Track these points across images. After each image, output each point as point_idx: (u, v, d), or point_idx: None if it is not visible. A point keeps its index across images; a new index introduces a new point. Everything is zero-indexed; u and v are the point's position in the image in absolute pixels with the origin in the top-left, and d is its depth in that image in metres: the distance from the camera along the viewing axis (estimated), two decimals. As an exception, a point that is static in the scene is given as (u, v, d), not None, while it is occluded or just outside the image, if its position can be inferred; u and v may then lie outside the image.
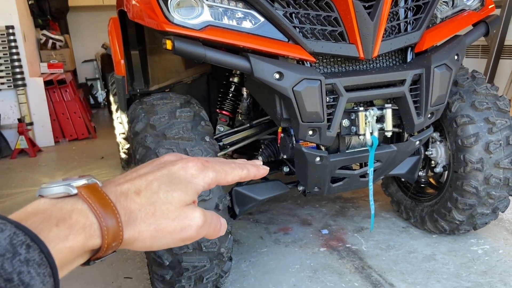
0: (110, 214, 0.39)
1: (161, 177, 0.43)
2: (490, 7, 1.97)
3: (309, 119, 1.58)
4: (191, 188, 0.44)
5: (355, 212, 2.70)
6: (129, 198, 0.41)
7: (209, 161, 0.47)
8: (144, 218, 0.41)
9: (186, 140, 1.65)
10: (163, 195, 0.42)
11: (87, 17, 7.99)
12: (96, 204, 0.39)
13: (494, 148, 1.96)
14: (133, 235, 0.41)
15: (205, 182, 0.45)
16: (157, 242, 0.42)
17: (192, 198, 0.44)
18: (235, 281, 2.02)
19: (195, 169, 0.45)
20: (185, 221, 0.43)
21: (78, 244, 0.38)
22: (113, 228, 0.39)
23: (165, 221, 0.42)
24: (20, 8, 4.96)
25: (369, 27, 1.59)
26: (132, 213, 0.41)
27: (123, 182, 0.43)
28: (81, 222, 0.38)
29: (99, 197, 0.40)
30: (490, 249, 2.17)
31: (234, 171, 0.48)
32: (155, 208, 0.42)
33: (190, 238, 0.44)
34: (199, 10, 1.55)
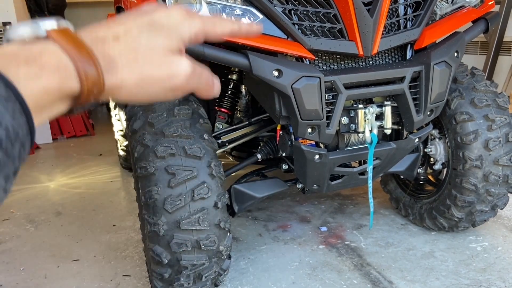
0: (86, 57, 0.36)
1: (141, 24, 0.40)
2: (489, 4, 1.96)
3: (308, 117, 1.57)
4: (175, 34, 0.41)
5: (354, 209, 2.70)
6: (107, 43, 0.38)
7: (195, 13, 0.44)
8: (125, 64, 0.38)
9: (185, 138, 1.64)
10: (144, 41, 0.39)
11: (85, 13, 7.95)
12: (69, 46, 0.36)
13: (493, 145, 1.96)
14: (116, 83, 0.38)
15: (191, 30, 0.42)
16: (143, 90, 0.40)
17: (177, 44, 0.41)
18: (234, 278, 2.02)
19: (179, 16, 0.41)
20: (171, 67, 0.40)
21: (52, 85, 0.35)
22: (92, 73, 0.36)
23: (150, 67, 0.39)
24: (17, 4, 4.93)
25: (369, 24, 1.58)
26: (111, 59, 0.38)
27: (98, 28, 0.39)
28: (53, 62, 0.35)
29: (72, 39, 0.36)
30: (489, 246, 2.17)
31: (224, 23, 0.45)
32: (137, 54, 0.39)
33: (180, 87, 0.41)
34: (198, 7, 1.54)
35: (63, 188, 3.41)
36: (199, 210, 1.59)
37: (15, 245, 2.49)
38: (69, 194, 3.27)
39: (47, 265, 2.25)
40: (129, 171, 3.61)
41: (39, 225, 2.75)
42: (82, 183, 3.51)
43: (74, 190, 3.35)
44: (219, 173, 1.66)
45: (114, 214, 2.84)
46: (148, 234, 1.64)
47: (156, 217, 1.58)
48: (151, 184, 1.59)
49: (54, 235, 2.60)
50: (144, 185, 1.61)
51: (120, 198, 3.14)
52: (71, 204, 3.06)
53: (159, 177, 1.58)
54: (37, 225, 2.75)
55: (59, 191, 3.34)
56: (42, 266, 2.24)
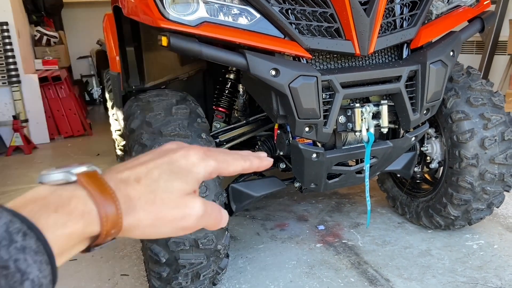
0: (109, 201, 0.39)
1: (161, 165, 0.43)
2: (485, 3, 1.97)
3: (306, 116, 1.58)
4: (191, 177, 0.43)
5: (351, 207, 2.71)
6: (129, 185, 0.41)
7: (211, 150, 0.46)
8: (143, 206, 0.41)
9: (183, 137, 1.65)
10: (163, 184, 0.42)
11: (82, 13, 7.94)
12: (96, 191, 0.39)
13: (489, 144, 1.97)
14: (133, 223, 0.40)
15: (206, 171, 0.44)
16: (156, 230, 0.42)
17: (192, 187, 0.43)
18: (232, 277, 2.02)
19: (196, 158, 0.44)
20: (185, 210, 0.42)
21: (77, 231, 0.37)
22: (112, 215, 0.39)
23: (165, 209, 0.41)
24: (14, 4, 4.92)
25: (365, 23, 1.59)
26: (131, 200, 0.40)
27: (123, 169, 0.43)
28: (80, 208, 0.38)
29: (98, 184, 0.39)
30: (485, 244, 2.19)
31: (236, 161, 0.47)
32: (155, 196, 0.41)
33: (190, 227, 0.43)
34: (195, 6, 1.55)
35: (61, 188, 3.40)
36: (197, 209, 1.60)
37: (12, 245, 2.49)
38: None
39: (45, 264, 2.25)
40: (126, 171, 3.60)
41: (37, 225, 2.75)
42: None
43: (71, 190, 3.34)
44: (217, 172, 1.67)
45: (111, 213, 2.83)
46: (146, 233, 1.64)
47: (154, 216, 1.58)
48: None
49: (51, 235, 2.59)
50: (142, 184, 1.61)
51: (117, 198, 3.14)
52: (69, 204, 3.06)
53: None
54: (34, 225, 2.74)
55: (57, 191, 3.33)
56: (40, 265, 2.24)
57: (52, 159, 4.44)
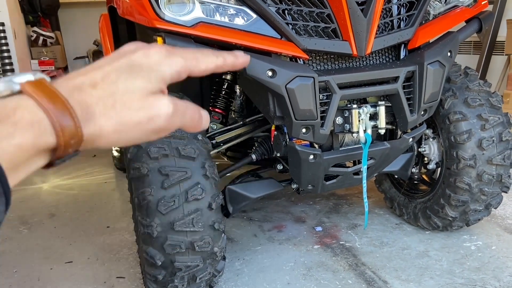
0: (61, 109, 0.35)
1: (119, 67, 0.39)
2: (483, 3, 1.97)
3: (303, 117, 1.57)
4: (155, 76, 0.40)
5: (349, 209, 2.70)
6: (84, 91, 0.37)
7: (176, 48, 0.42)
8: (103, 112, 0.37)
9: (178, 138, 1.63)
10: (122, 85, 0.38)
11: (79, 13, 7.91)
12: (44, 99, 0.35)
13: (487, 145, 1.96)
14: (94, 131, 0.37)
15: (172, 69, 0.41)
16: (123, 136, 0.39)
17: (157, 85, 0.40)
18: (228, 280, 2.01)
19: (159, 55, 0.40)
20: (151, 110, 0.39)
21: (27, 141, 0.34)
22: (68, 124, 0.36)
23: (128, 112, 0.38)
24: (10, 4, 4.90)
25: (362, 24, 1.58)
26: (88, 107, 0.37)
27: (75, 75, 0.39)
28: (27, 118, 0.34)
29: (47, 92, 0.36)
30: (483, 245, 2.18)
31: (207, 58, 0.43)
32: (114, 99, 0.38)
33: (161, 129, 0.40)
34: (191, 7, 1.53)
35: (57, 190, 3.38)
36: (193, 211, 1.59)
37: (8, 247, 2.47)
38: (63, 195, 3.25)
39: (40, 267, 2.23)
40: (123, 172, 3.59)
41: (32, 227, 2.73)
42: (76, 184, 3.49)
43: (67, 191, 3.33)
44: (213, 174, 1.66)
45: (108, 215, 2.82)
46: (142, 235, 1.63)
47: (149, 218, 1.57)
48: (144, 185, 1.58)
49: (47, 237, 2.57)
50: (138, 186, 1.60)
51: (114, 200, 3.12)
52: (65, 205, 3.04)
53: (153, 178, 1.57)
54: (30, 227, 2.72)
55: (53, 193, 3.32)
56: (36, 268, 2.22)
57: (49, 160, 4.42)
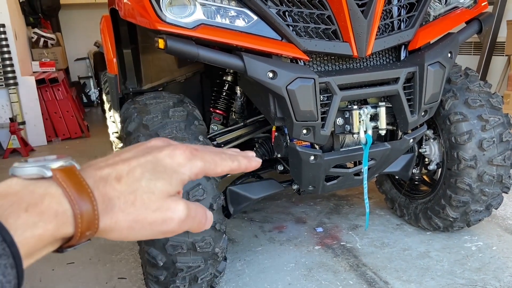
0: (86, 200, 0.36)
1: (145, 164, 0.40)
2: (483, 5, 1.97)
3: (303, 118, 1.57)
4: (176, 178, 0.41)
5: (350, 209, 2.71)
6: (109, 184, 0.38)
7: (198, 150, 0.43)
8: (122, 207, 0.38)
9: (180, 140, 1.64)
10: (145, 184, 0.39)
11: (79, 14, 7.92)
12: (72, 189, 0.36)
13: (487, 146, 1.97)
14: (110, 225, 0.38)
15: (192, 172, 0.42)
16: (134, 233, 0.39)
17: (176, 188, 0.41)
18: (230, 280, 2.01)
19: (182, 158, 0.41)
20: (167, 213, 0.40)
21: (49, 232, 0.35)
22: (88, 216, 0.36)
23: (145, 211, 0.39)
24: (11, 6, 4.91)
25: (363, 25, 1.59)
26: (110, 200, 0.38)
27: (103, 166, 0.40)
28: (53, 208, 0.35)
29: (75, 182, 0.36)
30: (483, 245, 2.18)
31: (224, 162, 0.45)
32: (135, 197, 0.39)
33: (171, 231, 0.41)
34: (192, 9, 1.54)
35: (58, 191, 3.39)
36: (194, 212, 1.59)
37: (9, 249, 2.47)
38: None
39: (41, 268, 2.23)
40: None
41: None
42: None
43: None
44: (214, 174, 1.66)
45: (109, 216, 2.82)
46: (144, 236, 1.63)
47: (151, 219, 1.57)
48: None
49: (49, 238, 2.58)
50: (139, 187, 1.61)
51: (115, 200, 3.13)
52: (66, 206, 3.04)
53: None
54: (31, 228, 2.73)
55: (54, 194, 3.32)
56: (37, 269, 2.23)
57: (50, 161, 4.42)
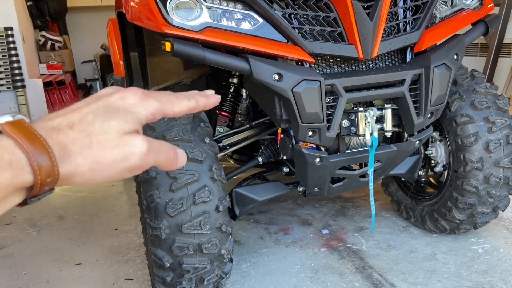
0: (39, 148, 0.37)
1: (96, 109, 0.41)
2: (489, 6, 1.97)
3: (309, 120, 1.58)
4: (131, 117, 0.41)
5: (355, 211, 2.70)
6: (62, 132, 0.39)
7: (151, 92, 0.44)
8: (79, 151, 0.39)
9: (186, 141, 1.65)
10: (99, 126, 0.40)
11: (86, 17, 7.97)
12: (23, 139, 0.36)
13: (494, 147, 1.96)
14: (70, 170, 0.38)
15: (147, 111, 0.42)
16: (97, 174, 0.40)
17: (133, 126, 0.41)
18: (235, 282, 2.02)
19: (134, 98, 0.42)
20: (125, 148, 0.40)
21: (5, 180, 0.36)
22: (46, 164, 0.37)
23: (104, 151, 0.39)
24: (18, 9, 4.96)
25: (368, 28, 1.59)
26: (66, 147, 0.38)
27: (54, 117, 0.40)
28: (5, 158, 0.36)
29: (25, 132, 0.37)
30: (490, 248, 2.17)
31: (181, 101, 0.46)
32: (91, 139, 0.39)
33: (135, 167, 0.41)
34: (198, 12, 1.55)
35: (65, 192, 3.41)
36: (200, 213, 1.60)
37: (17, 250, 2.50)
38: (71, 198, 3.28)
39: (49, 269, 2.25)
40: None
41: (41, 229, 2.76)
42: (84, 187, 3.52)
43: (76, 194, 3.36)
44: (220, 176, 1.67)
45: (116, 218, 2.84)
46: (150, 237, 1.64)
47: (157, 221, 1.59)
48: (152, 188, 1.59)
49: (56, 239, 2.60)
50: (146, 189, 1.62)
51: (121, 202, 3.15)
52: (73, 208, 3.07)
53: (161, 181, 1.59)
54: (39, 230, 2.75)
55: (61, 195, 3.35)
56: (45, 270, 2.25)
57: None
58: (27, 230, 2.75)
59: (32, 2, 5.91)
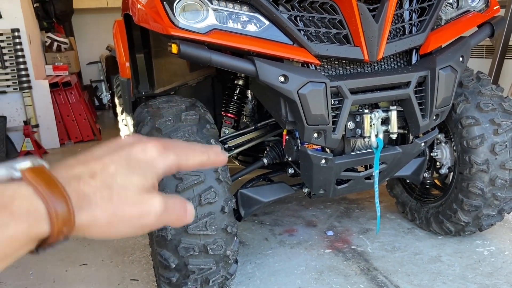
0: (58, 196, 0.36)
1: (118, 160, 0.40)
2: (495, 8, 1.97)
3: (314, 122, 1.58)
4: (150, 172, 0.41)
5: (360, 213, 2.70)
6: (82, 180, 0.38)
7: (169, 144, 0.44)
8: (99, 203, 0.38)
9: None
10: (120, 179, 0.39)
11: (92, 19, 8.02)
12: (43, 187, 0.36)
13: (499, 150, 1.96)
14: (87, 220, 0.38)
15: (165, 165, 0.43)
16: (114, 229, 0.39)
17: (151, 182, 0.42)
18: (240, 283, 2.02)
19: (155, 151, 0.42)
20: (143, 207, 0.40)
21: (21, 231, 0.34)
22: (63, 212, 0.36)
23: (123, 206, 0.39)
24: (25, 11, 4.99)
25: (374, 30, 1.60)
26: (85, 196, 0.38)
27: (75, 164, 0.40)
28: (24, 207, 0.35)
29: (46, 179, 0.36)
30: (496, 250, 2.17)
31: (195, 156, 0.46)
32: (111, 192, 0.39)
33: (150, 225, 0.41)
34: (204, 14, 1.56)
35: (71, 193, 3.43)
36: (206, 214, 1.61)
37: (23, 250, 2.51)
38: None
39: (55, 269, 2.27)
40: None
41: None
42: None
43: (81, 194, 3.37)
44: (226, 177, 1.68)
45: (121, 218, 2.85)
46: (156, 238, 1.65)
47: (163, 221, 1.59)
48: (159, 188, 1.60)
49: (62, 239, 2.61)
50: (152, 190, 1.63)
51: (127, 203, 3.16)
52: (79, 208, 3.08)
53: (167, 182, 1.60)
54: (45, 230, 2.77)
55: (67, 196, 3.37)
56: (51, 270, 2.26)
57: (62, 164, 4.48)
58: (33, 230, 2.76)
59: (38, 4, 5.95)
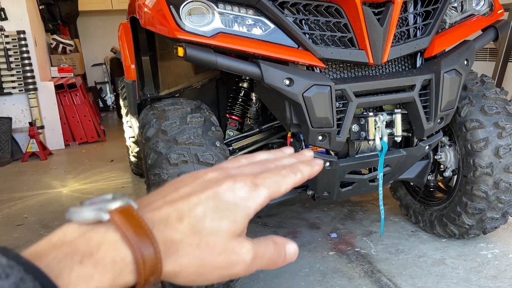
0: (146, 243, 0.33)
1: (206, 201, 0.37)
2: (499, 12, 1.97)
3: (319, 125, 1.59)
4: (240, 214, 0.37)
5: (364, 215, 2.71)
6: (169, 225, 0.35)
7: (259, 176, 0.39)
8: (187, 250, 0.35)
9: (197, 145, 1.67)
10: (209, 224, 0.36)
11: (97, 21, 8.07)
12: (131, 233, 0.33)
13: (503, 153, 1.96)
14: (174, 269, 0.35)
15: (257, 203, 0.38)
16: (201, 278, 0.37)
17: (241, 226, 0.38)
18: (244, 285, 2.03)
19: (244, 191, 0.38)
20: (232, 256, 0.37)
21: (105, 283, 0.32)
22: (150, 260, 0.33)
23: (211, 255, 0.36)
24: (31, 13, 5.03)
25: (379, 33, 1.61)
26: (173, 243, 0.35)
27: (161, 205, 0.37)
28: (109, 256, 0.33)
29: (134, 224, 0.34)
30: (499, 253, 2.17)
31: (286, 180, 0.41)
32: (200, 239, 0.36)
33: (238, 274, 0.38)
34: (210, 18, 1.58)
35: (76, 194, 3.45)
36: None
37: (29, 250, 2.53)
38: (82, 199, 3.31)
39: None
40: (140, 177, 3.65)
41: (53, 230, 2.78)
42: (94, 188, 3.56)
43: (86, 195, 3.39)
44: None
45: (125, 219, 2.87)
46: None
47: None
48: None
49: (67, 240, 2.63)
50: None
51: (131, 204, 3.17)
52: (84, 209, 3.10)
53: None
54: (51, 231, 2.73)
55: (72, 197, 3.39)
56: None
57: (67, 165, 4.51)
58: (39, 231, 2.78)
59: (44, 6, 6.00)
